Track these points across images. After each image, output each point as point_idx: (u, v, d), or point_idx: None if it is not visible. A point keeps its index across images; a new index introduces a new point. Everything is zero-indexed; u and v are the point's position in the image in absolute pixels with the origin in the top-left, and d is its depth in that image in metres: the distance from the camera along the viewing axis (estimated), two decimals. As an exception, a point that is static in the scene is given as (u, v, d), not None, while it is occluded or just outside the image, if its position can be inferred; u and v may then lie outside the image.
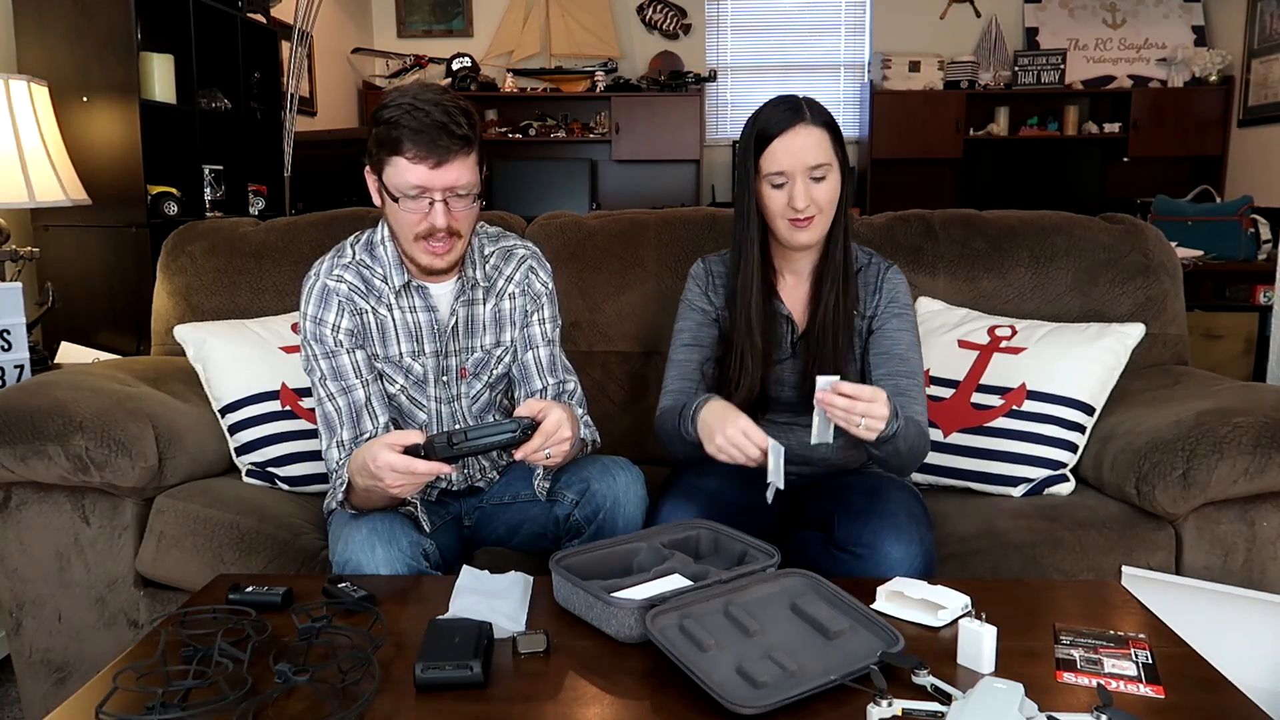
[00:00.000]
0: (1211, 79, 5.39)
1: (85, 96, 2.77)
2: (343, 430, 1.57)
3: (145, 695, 1.05)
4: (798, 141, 1.57)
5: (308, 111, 4.83)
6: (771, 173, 1.59)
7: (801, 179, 1.58)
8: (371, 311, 1.60)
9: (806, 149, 1.57)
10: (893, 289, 1.71)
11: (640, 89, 5.70)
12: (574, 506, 1.58)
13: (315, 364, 1.59)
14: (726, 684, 1.07)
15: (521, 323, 1.69)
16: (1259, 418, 1.64)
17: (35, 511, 1.78)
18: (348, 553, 1.45)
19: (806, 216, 1.59)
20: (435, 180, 1.46)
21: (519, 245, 1.71)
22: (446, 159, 1.45)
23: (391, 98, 1.48)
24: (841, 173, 1.62)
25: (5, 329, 2.17)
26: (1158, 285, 2.09)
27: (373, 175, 1.53)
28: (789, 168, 1.58)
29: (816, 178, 1.58)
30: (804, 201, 1.58)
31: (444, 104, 1.45)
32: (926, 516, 1.59)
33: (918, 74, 5.61)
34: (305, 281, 1.61)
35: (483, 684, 1.10)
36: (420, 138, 1.43)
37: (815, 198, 1.59)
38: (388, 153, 1.47)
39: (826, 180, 1.59)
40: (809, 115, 1.59)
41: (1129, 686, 1.10)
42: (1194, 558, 1.69)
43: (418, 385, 1.64)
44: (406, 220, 1.50)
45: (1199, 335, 3.29)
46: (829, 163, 1.59)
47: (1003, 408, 1.89)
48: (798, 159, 1.57)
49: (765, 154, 1.59)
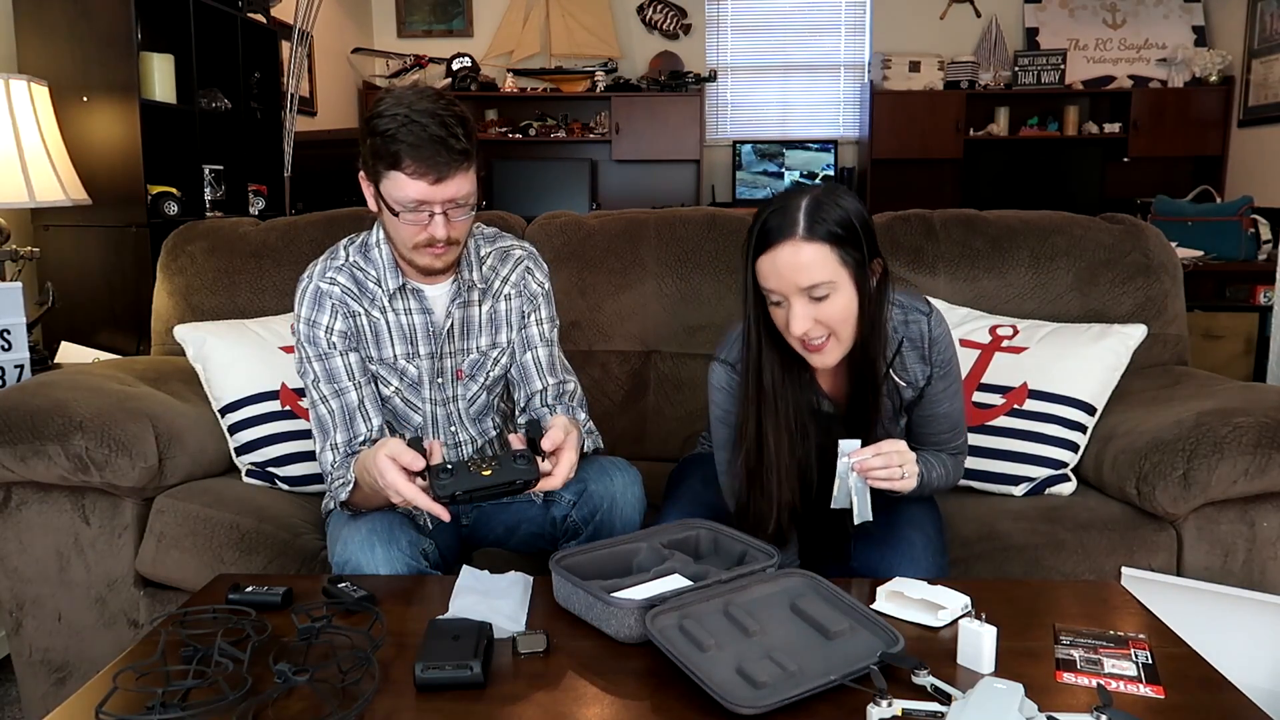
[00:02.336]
0: (1211, 79, 5.39)
1: (85, 96, 2.77)
2: (336, 433, 1.57)
3: (145, 695, 1.05)
4: (786, 259, 1.35)
5: (308, 111, 4.83)
6: (765, 289, 1.40)
7: (799, 301, 1.36)
8: (365, 314, 1.59)
9: (797, 269, 1.34)
10: (941, 350, 1.52)
11: (640, 89, 5.69)
12: (571, 507, 1.57)
13: (309, 366, 1.58)
14: (726, 684, 1.06)
15: (519, 324, 1.67)
16: (1259, 418, 1.64)
17: (35, 511, 1.78)
18: (347, 553, 1.45)
19: (816, 342, 1.39)
20: (435, 195, 1.43)
21: (516, 246, 1.70)
22: (446, 174, 1.42)
23: (385, 105, 1.43)
24: (857, 285, 1.38)
25: (5, 329, 2.17)
26: (1158, 285, 2.09)
27: (368, 183, 1.50)
28: (775, 288, 1.37)
29: (817, 297, 1.36)
30: (802, 326, 1.36)
31: (440, 115, 1.41)
32: (942, 536, 1.57)
33: (918, 74, 5.61)
34: (299, 284, 1.60)
35: (483, 684, 1.10)
36: (419, 153, 1.40)
37: (821, 318, 1.37)
38: (385, 166, 1.43)
39: (831, 300, 1.36)
40: (804, 228, 1.34)
41: (1129, 687, 1.10)
42: (1194, 558, 1.69)
43: (412, 387, 1.63)
44: (406, 232, 1.48)
45: (1199, 335, 3.29)
46: (832, 280, 1.35)
47: (1004, 406, 1.89)
48: (787, 280, 1.36)
49: (758, 266, 1.39)
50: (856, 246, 1.37)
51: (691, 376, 2.18)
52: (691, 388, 2.18)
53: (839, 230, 1.35)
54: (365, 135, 1.46)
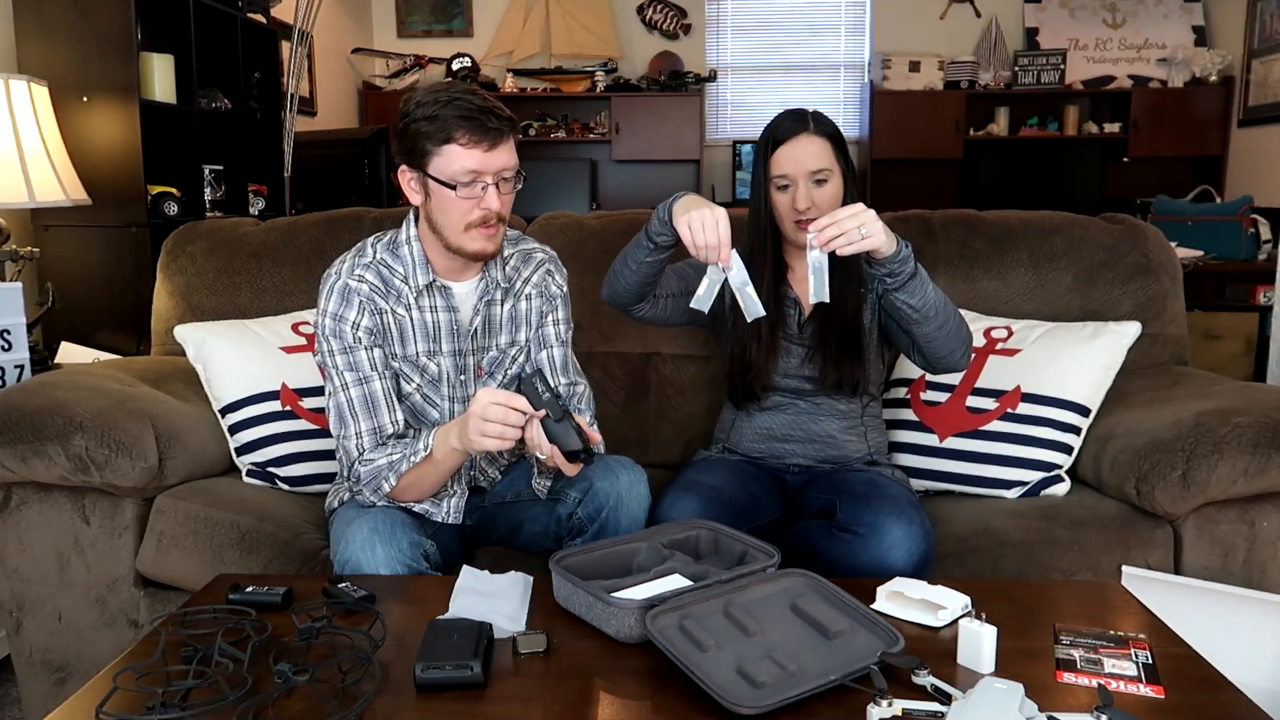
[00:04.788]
0: (1211, 79, 5.39)
1: (85, 96, 2.77)
2: (360, 422, 1.56)
3: (145, 695, 1.05)
4: (800, 149, 1.70)
5: (308, 111, 4.83)
6: (777, 176, 1.72)
7: (804, 183, 1.70)
8: (390, 312, 1.60)
9: (809, 155, 1.70)
10: None
11: (640, 89, 5.70)
12: (577, 505, 1.58)
13: (332, 359, 1.58)
14: (726, 684, 1.07)
15: (537, 323, 1.70)
16: (1259, 418, 1.64)
17: (35, 511, 1.78)
18: (348, 552, 1.45)
19: (809, 218, 1.66)
20: (489, 163, 1.49)
21: (538, 249, 1.74)
22: (498, 141, 1.50)
23: (420, 95, 1.50)
24: (844, 178, 1.73)
25: (5, 329, 2.17)
26: (1158, 285, 2.09)
27: (413, 172, 1.53)
28: (791, 172, 1.70)
29: (818, 180, 1.71)
30: (805, 203, 1.70)
31: (477, 92, 1.50)
32: (923, 509, 1.64)
33: (918, 74, 5.61)
34: (325, 280, 1.60)
35: (483, 684, 1.10)
36: (470, 124, 1.47)
37: (817, 200, 1.70)
38: (436, 143, 1.48)
39: (828, 184, 1.71)
40: (813, 125, 1.72)
41: (1129, 686, 1.10)
42: (1194, 558, 1.69)
43: (432, 384, 1.64)
44: (460, 209, 1.51)
45: (1199, 335, 3.29)
46: (830, 168, 1.71)
47: (997, 411, 1.89)
48: (800, 164, 1.70)
49: (773, 159, 1.72)
50: (843, 150, 1.74)
51: (693, 379, 2.19)
52: (693, 390, 2.18)
53: (837, 133, 1.75)
54: (407, 125, 1.50)
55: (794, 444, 1.81)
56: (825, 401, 1.80)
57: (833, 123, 1.75)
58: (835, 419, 1.80)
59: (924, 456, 1.90)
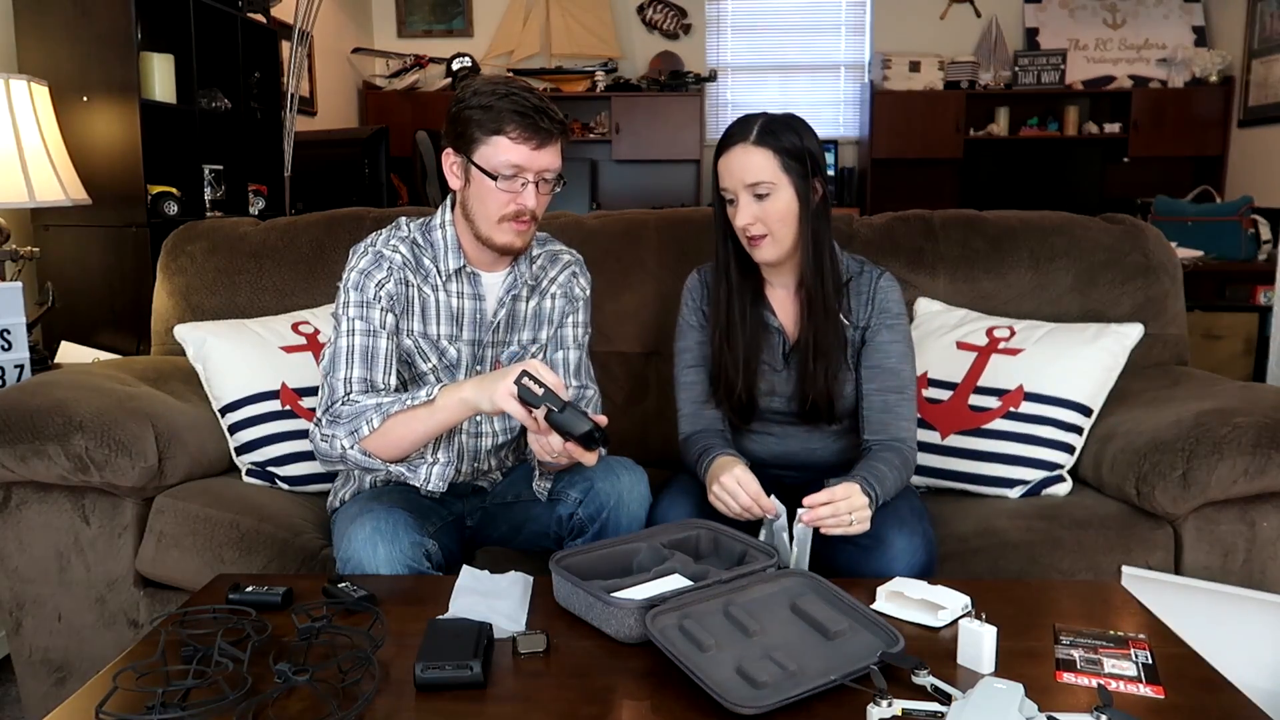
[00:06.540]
0: (1211, 79, 5.39)
1: (85, 96, 2.77)
2: (354, 368, 1.54)
3: (145, 695, 1.05)
4: (735, 160, 1.59)
5: (308, 111, 4.83)
6: (720, 188, 1.63)
7: (743, 195, 1.59)
8: (417, 288, 1.61)
9: (745, 168, 1.58)
10: (884, 299, 1.69)
11: (640, 89, 5.70)
12: (577, 505, 1.58)
13: (345, 310, 1.57)
14: (726, 684, 1.07)
15: (557, 322, 1.71)
16: (1259, 418, 1.64)
17: (35, 511, 1.78)
18: (350, 551, 1.45)
19: (755, 235, 1.60)
20: (534, 161, 1.51)
21: (564, 251, 1.75)
22: (546, 142, 1.51)
23: (479, 84, 1.53)
24: (798, 193, 1.59)
25: (5, 329, 2.17)
26: (1158, 286, 2.09)
27: (458, 155, 1.55)
28: (728, 185, 1.61)
29: (759, 195, 1.58)
30: (744, 219, 1.59)
31: (534, 92, 1.53)
32: (926, 514, 1.61)
33: (918, 74, 5.61)
34: (356, 248, 1.62)
35: (482, 684, 1.10)
36: (523, 120, 1.49)
37: (761, 216, 1.59)
38: (487, 132, 1.50)
39: (771, 199, 1.58)
40: (755, 135, 1.58)
41: (1129, 687, 1.10)
42: (1194, 558, 1.69)
43: (449, 370, 1.64)
44: (496, 200, 1.53)
45: (1199, 336, 3.29)
46: (773, 181, 1.57)
47: (1000, 409, 1.89)
48: (735, 176, 1.59)
49: (717, 164, 1.63)
50: (799, 160, 1.58)
51: (691, 376, 2.18)
52: (691, 388, 2.18)
53: (783, 144, 1.58)
54: (460, 110, 1.53)
55: (789, 470, 1.76)
56: (815, 428, 1.74)
57: (786, 132, 1.58)
58: (829, 439, 1.75)
59: (925, 453, 1.90)
